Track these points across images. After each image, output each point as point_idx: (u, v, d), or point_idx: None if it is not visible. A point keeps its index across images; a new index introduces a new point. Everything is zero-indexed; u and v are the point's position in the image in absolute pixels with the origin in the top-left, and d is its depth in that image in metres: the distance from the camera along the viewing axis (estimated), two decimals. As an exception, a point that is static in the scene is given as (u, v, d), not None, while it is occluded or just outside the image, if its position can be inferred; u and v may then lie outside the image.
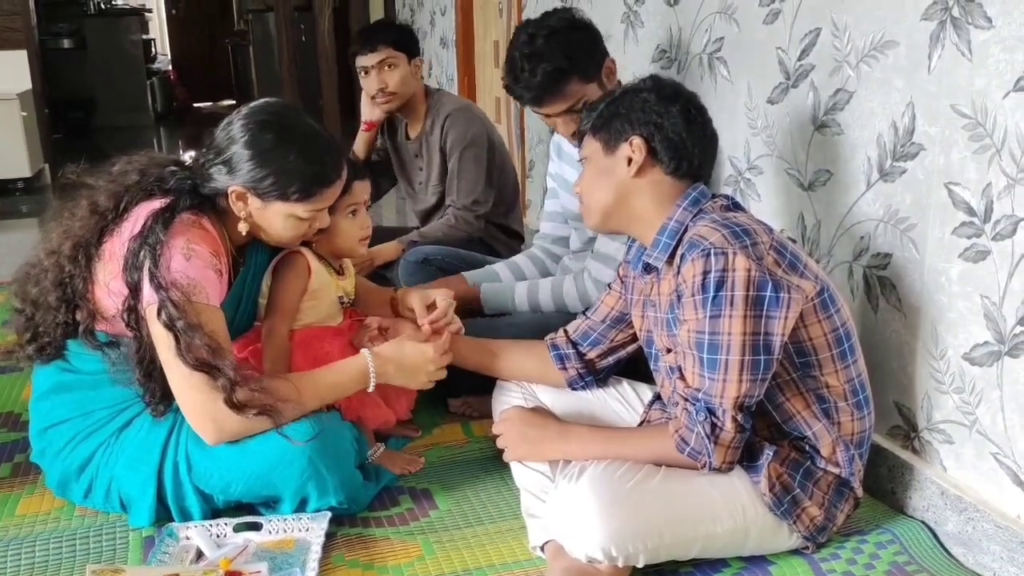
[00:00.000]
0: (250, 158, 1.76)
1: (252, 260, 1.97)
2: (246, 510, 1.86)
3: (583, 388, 1.93)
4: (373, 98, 2.95)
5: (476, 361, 1.97)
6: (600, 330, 1.88)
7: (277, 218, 1.81)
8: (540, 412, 1.80)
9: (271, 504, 1.86)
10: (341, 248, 2.03)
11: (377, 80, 2.90)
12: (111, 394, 1.84)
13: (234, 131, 1.78)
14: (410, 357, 1.87)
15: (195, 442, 1.78)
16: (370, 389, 1.85)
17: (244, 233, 1.83)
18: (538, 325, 2.24)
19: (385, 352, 1.86)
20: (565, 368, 1.91)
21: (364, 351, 1.86)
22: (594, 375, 1.92)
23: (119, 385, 1.82)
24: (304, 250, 1.98)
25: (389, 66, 2.89)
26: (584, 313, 1.95)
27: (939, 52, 1.70)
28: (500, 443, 1.81)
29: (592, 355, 1.90)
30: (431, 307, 2.03)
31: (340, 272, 2.07)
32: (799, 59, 2.07)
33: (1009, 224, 1.59)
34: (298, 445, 1.74)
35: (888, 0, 1.80)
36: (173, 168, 1.83)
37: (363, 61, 2.92)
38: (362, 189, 2.00)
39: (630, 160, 1.66)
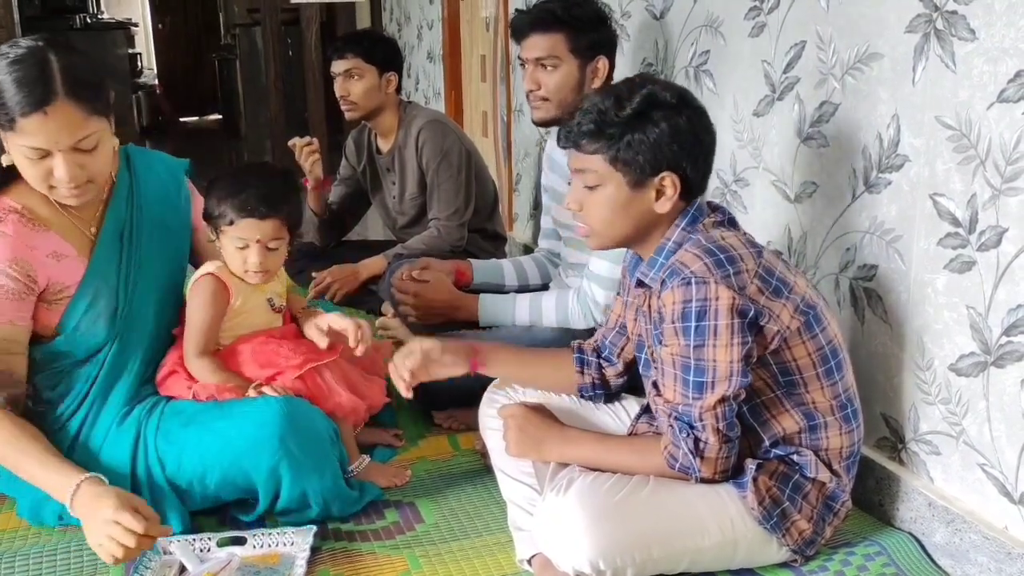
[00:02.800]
0: None
1: (115, 221, 1.90)
2: (226, 518, 1.85)
3: (591, 398, 1.90)
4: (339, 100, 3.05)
5: (503, 368, 1.92)
6: (611, 337, 1.86)
7: (16, 155, 1.70)
8: (542, 412, 1.78)
9: (248, 504, 1.86)
10: (233, 271, 1.97)
11: (341, 87, 2.99)
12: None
13: None
14: (100, 518, 1.61)
15: (164, 438, 1.81)
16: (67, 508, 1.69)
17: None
18: (526, 340, 2.23)
19: (92, 498, 1.64)
20: (583, 373, 1.88)
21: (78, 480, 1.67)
22: (606, 390, 1.90)
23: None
24: (215, 271, 1.95)
25: (355, 76, 2.95)
26: (597, 327, 1.94)
27: (923, 64, 1.70)
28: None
29: (610, 372, 1.88)
30: (329, 332, 2.02)
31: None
32: (784, 72, 2.08)
33: (994, 235, 1.59)
34: (275, 401, 1.78)
35: (872, 13, 1.81)
36: None
37: (333, 67, 3.01)
38: (250, 227, 1.90)
39: (658, 194, 1.60)
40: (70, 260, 1.82)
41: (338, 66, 2.99)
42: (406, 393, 1.80)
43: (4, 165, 1.76)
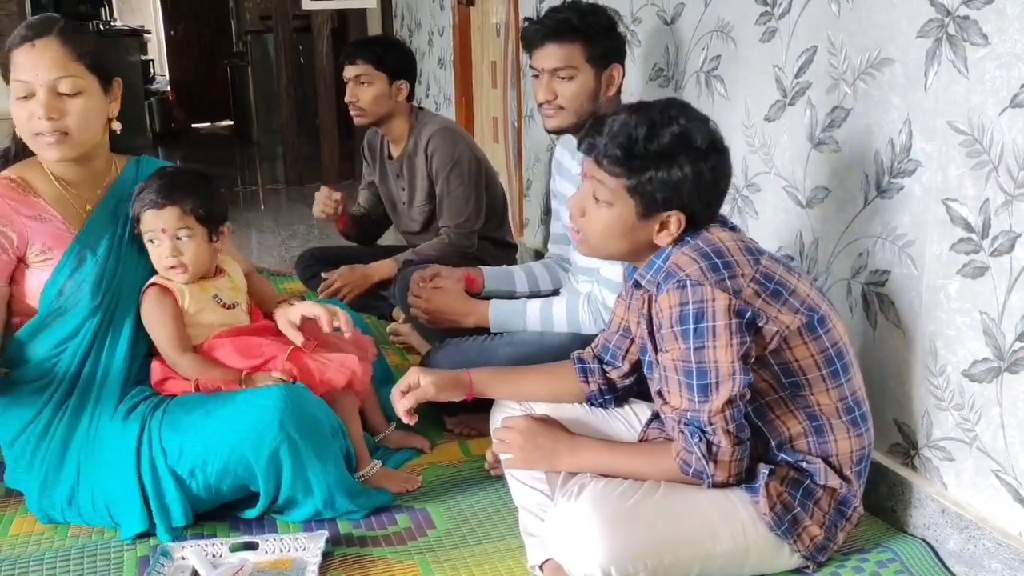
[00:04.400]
0: None
1: (111, 202, 1.99)
2: (237, 523, 1.85)
3: (601, 405, 1.90)
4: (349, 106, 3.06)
5: (499, 391, 1.94)
6: (615, 341, 1.86)
7: (12, 103, 1.83)
8: (548, 422, 1.78)
9: (253, 503, 1.88)
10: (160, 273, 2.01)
11: (350, 93, 2.99)
12: (33, 389, 1.91)
13: None
14: None
15: (168, 426, 1.84)
16: None
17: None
18: (535, 345, 2.23)
19: None
20: (587, 382, 1.88)
21: None
22: (614, 393, 1.90)
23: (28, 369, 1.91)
24: (155, 279, 1.98)
25: (364, 82, 2.96)
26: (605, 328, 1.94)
27: (935, 69, 1.70)
28: (503, 448, 1.76)
29: (614, 375, 1.88)
30: (302, 322, 2.05)
31: (211, 275, 2.06)
32: (796, 77, 2.07)
33: (1007, 240, 1.59)
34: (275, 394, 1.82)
35: (884, 18, 1.81)
36: None
37: (344, 72, 3.02)
38: (151, 218, 1.94)
39: (661, 226, 1.60)
40: (55, 225, 1.89)
41: (348, 71, 3.00)
42: (408, 420, 1.84)
43: (12, 148, 1.92)
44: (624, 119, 1.59)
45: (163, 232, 1.95)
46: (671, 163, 1.55)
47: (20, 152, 1.94)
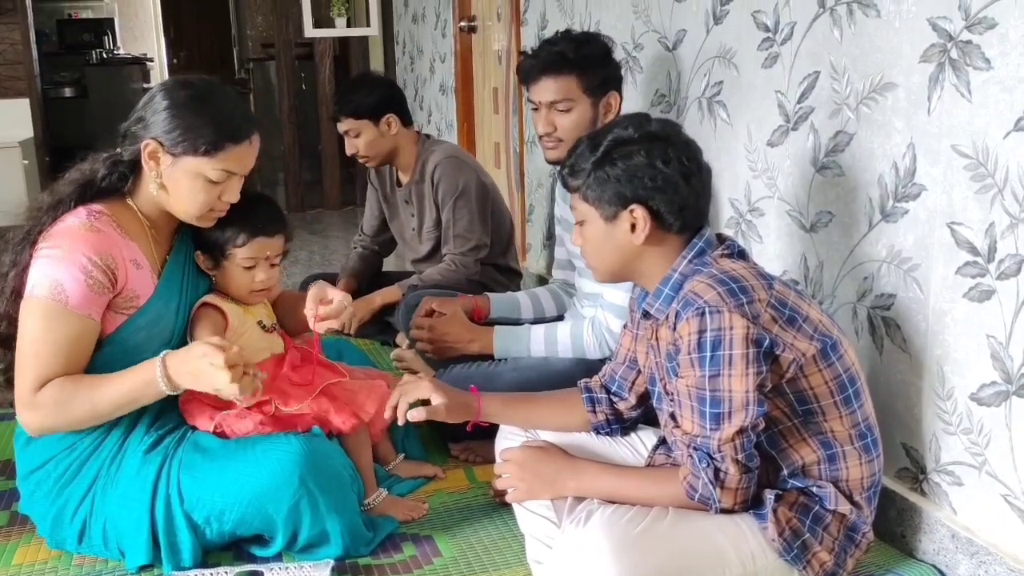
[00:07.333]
0: (165, 108, 1.80)
1: (183, 248, 1.98)
2: (241, 552, 1.84)
3: (608, 434, 1.89)
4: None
5: (506, 418, 1.93)
6: (621, 372, 1.86)
7: (186, 178, 1.81)
8: (548, 449, 1.77)
9: (264, 540, 1.85)
10: (232, 295, 2.01)
11: (349, 146, 3.05)
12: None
13: (154, 90, 1.85)
14: (194, 356, 1.74)
15: (187, 471, 1.80)
16: (166, 390, 1.75)
17: (155, 193, 1.84)
18: (540, 371, 2.22)
19: (178, 354, 1.78)
20: (595, 412, 1.87)
21: (161, 354, 1.78)
22: (621, 423, 1.89)
23: None
24: (209, 298, 1.98)
25: (352, 134, 3.00)
26: (610, 358, 1.93)
27: (938, 93, 1.71)
28: (505, 483, 1.75)
29: (622, 406, 1.87)
30: (325, 303, 1.99)
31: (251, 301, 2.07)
32: (798, 102, 2.08)
33: (1013, 263, 1.59)
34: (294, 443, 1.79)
35: (886, 43, 1.82)
36: (107, 153, 1.89)
37: (337, 128, 3.07)
38: (263, 246, 1.97)
39: (633, 227, 1.62)
40: (145, 272, 1.86)
41: (339, 128, 3.06)
42: (400, 422, 1.80)
43: (100, 185, 1.86)
44: (580, 140, 1.71)
45: (266, 259, 1.98)
46: (605, 161, 1.62)
47: (73, 205, 1.84)
